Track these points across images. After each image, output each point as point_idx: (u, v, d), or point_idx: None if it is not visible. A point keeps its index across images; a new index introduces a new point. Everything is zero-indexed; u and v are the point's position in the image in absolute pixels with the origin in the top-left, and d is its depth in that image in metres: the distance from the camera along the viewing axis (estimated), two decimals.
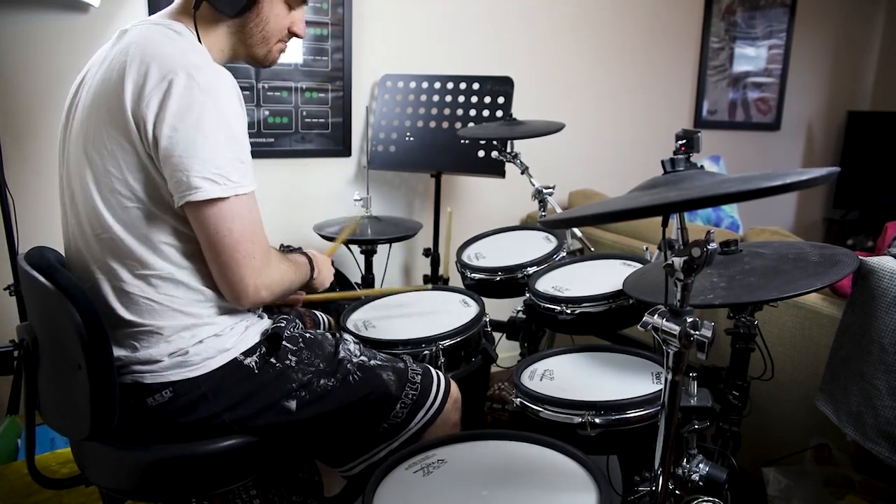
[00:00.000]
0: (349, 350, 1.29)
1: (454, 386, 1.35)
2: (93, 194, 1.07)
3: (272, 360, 1.19)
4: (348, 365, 1.25)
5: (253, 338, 1.20)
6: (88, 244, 1.11)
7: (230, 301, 1.13)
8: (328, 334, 1.34)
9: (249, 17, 1.18)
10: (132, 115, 1.02)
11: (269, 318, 1.30)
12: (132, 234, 1.08)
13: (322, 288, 1.39)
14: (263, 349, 1.20)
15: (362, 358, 1.28)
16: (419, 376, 1.30)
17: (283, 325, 1.26)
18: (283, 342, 1.22)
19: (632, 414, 1.18)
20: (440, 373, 1.35)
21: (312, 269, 1.34)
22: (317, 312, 1.62)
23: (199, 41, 1.15)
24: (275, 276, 1.15)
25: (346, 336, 1.36)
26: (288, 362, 1.20)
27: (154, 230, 1.08)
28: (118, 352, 1.10)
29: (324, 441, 1.25)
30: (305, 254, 1.36)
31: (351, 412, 1.22)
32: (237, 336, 1.17)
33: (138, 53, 1.05)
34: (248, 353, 1.17)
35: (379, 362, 1.29)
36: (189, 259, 1.12)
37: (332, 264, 1.48)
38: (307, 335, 1.28)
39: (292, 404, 1.17)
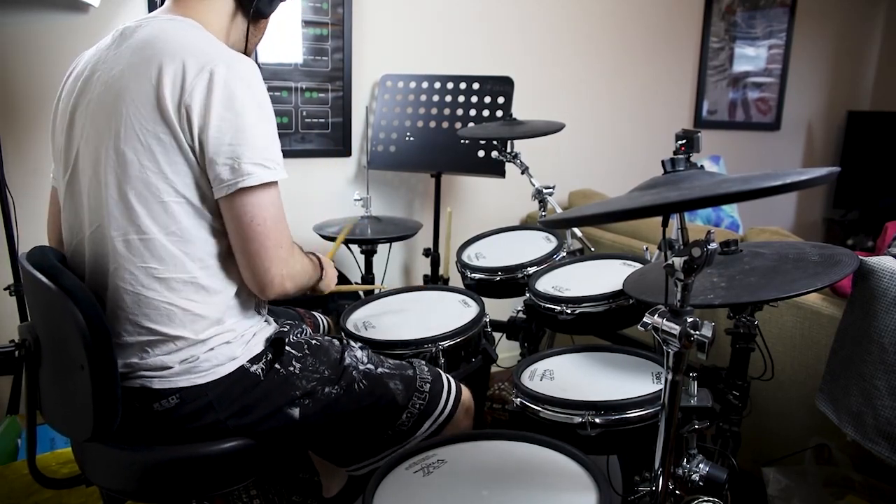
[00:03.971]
0: (356, 357, 1.27)
1: (466, 393, 1.33)
2: (124, 192, 1.05)
3: (277, 366, 1.18)
4: (353, 372, 1.24)
5: (259, 345, 1.19)
6: (109, 248, 1.08)
7: (255, 292, 1.13)
8: (335, 340, 1.32)
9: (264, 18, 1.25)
10: (173, 108, 1.02)
11: (275, 322, 1.29)
12: (164, 232, 1.06)
13: (328, 290, 1.39)
14: (269, 356, 1.19)
15: (369, 366, 1.27)
16: (428, 384, 1.28)
17: (286, 329, 1.25)
18: (288, 348, 1.21)
19: (632, 414, 1.18)
20: (452, 380, 1.33)
21: (322, 267, 1.34)
22: (316, 314, 1.62)
23: (244, 37, 1.20)
24: (297, 267, 1.16)
25: (353, 342, 1.36)
26: (292, 368, 1.19)
27: (190, 226, 1.07)
28: (127, 359, 1.09)
29: (326, 444, 1.25)
30: (314, 254, 1.35)
31: (354, 420, 1.21)
32: (245, 343, 1.17)
33: (168, 46, 1.05)
34: (254, 361, 1.16)
35: (386, 370, 1.27)
36: (217, 258, 1.11)
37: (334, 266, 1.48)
38: (313, 342, 1.27)
39: (295, 412, 1.17)
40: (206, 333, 1.11)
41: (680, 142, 1.17)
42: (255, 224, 1.06)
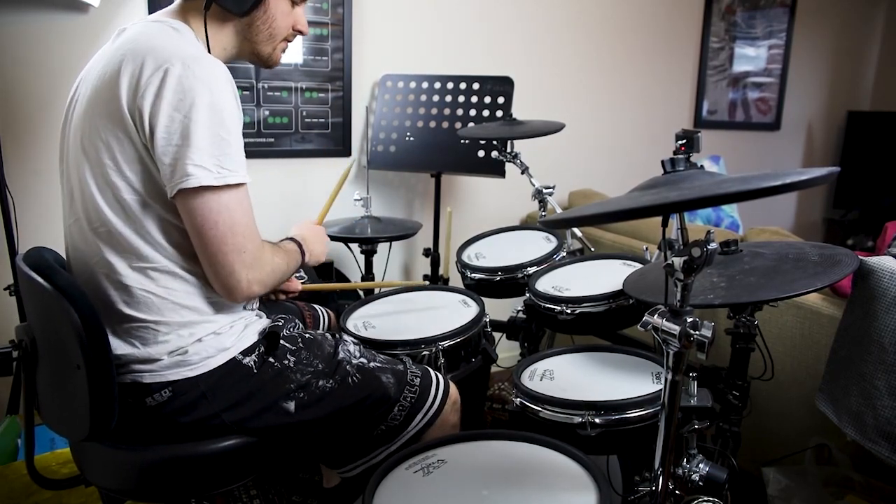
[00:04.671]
0: (348, 351, 1.29)
1: (453, 388, 1.35)
2: (90, 187, 1.08)
3: (271, 359, 1.19)
4: (347, 366, 1.24)
5: (251, 337, 1.19)
6: (87, 238, 1.11)
7: (223, 297, 1.12)
8: (328, 334, 1.33)
9: (257, 16, 1.20)
10: (128, 107, 1.03)
11: (267, 317, 1.30)
12: (129, 226, 1.08)
13: (318, 263, 1.38)
14: (262, 348, 1.19)
15: (361, 360, 1.28)
16: (418, 378, 1.29)
17: (281, 323, 1.25)
18: (282, 341, 1.21)
19: (632, 414, 1.17)
20: (439, 375, 1.35)
21: (303, 253, 1.32)
22: (317, 308, 1.62)
23: (205, 38, 1.17)
24: (267, 269, 1.14)
25: (346, 336, 1.36)
26: (286, 362, 1.20)
27: (150, 222, 1.08)
28: (120, 348, 1.10)
29: (322, 442, 1.25)
30: (293, 239, 1.33)
31: (349, 414, 1.22)
32: (236, 335, 1.17)
33: (133, 48, 1.06)
34: (246, 353, 1.17)
35: (378, 364, 1.29)
36: (185, 253, 1.11)
37: (332, 267, 1.48)
38: (306, 335, 1.28)
39: (291, 405, 1.17)
40: (191, 322, 1.12)
41: (680, 142, 1.17)
42: (206, 228, 1.05)
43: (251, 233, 1.10)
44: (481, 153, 2.47)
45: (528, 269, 1.77)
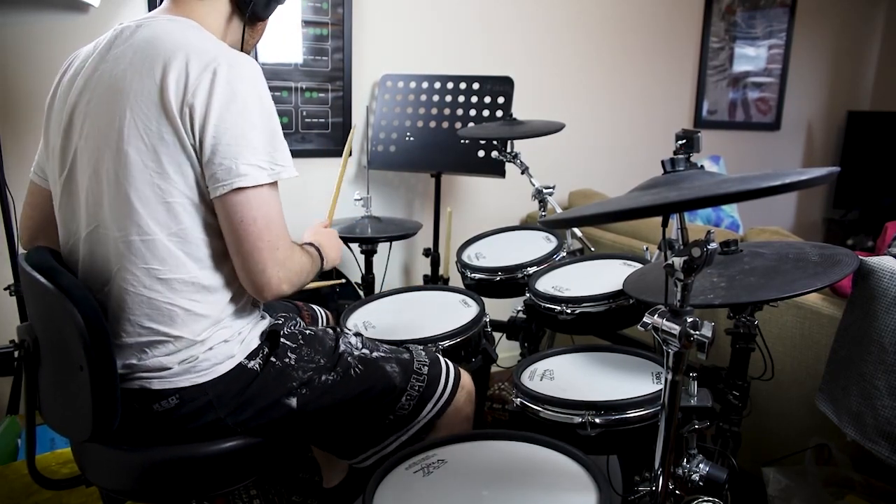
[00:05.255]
0: (350, 343, 1.28)
1: (466, 377, 1.33)
2: (126, 193, 1.04)
3: (272, 358, 1.19)
4: (349, 358, 1.24)
5: (255, 341, 1.19)
6: (110, 247, 1.08)
7: (252, 293, 1.12)
8: (329, 329, 1.33)
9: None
10: (177, 107, 1.02)
11: (269, 316, 1.30)
12: (166, 232, 1.06)
13: (334, 266, 1.39)
14: (266, 350, 1.19)
15: (364, 350, 1.27)
16: (426, 367, 1.28)
17: (280, 322, 1.25)
18: (282, 339, 1.21)
19: (632, 414, 1.18)
20: (451, 363, 1.33)
21: (322, 257, 1.33)
22: (315, 307, 1.62)
23: (213, 35, 1.16)
24: (296, 268, 1.15)
25: (348, 329, 1.36)
26: (287, 360, 1.20)
27: (191, 225, 1.07)
28: (126, 360, 1.09)
29: (328, 435, 1.25)
30: (311, 244, 1.34)
31: (353, 406, 1.21)
32: (242, 341, 1.17)
33: (168, 46, 1.05)
34: (251, 357, 1.17)
35: (382, 354, 1.28)
36: (214, 258, 1.11)
37: (333, 267, 1.48)
38: (307, 332, 1.27)
39: (293, 402, 1.17)
40: (206, 334, 1.11)
41: (680, 142, 1.17)
42: (245, 224, 1.05)
43: (283, 230, 1.11)
44: (481, 153, 2.48)
45: (528, 269, 1.77)
